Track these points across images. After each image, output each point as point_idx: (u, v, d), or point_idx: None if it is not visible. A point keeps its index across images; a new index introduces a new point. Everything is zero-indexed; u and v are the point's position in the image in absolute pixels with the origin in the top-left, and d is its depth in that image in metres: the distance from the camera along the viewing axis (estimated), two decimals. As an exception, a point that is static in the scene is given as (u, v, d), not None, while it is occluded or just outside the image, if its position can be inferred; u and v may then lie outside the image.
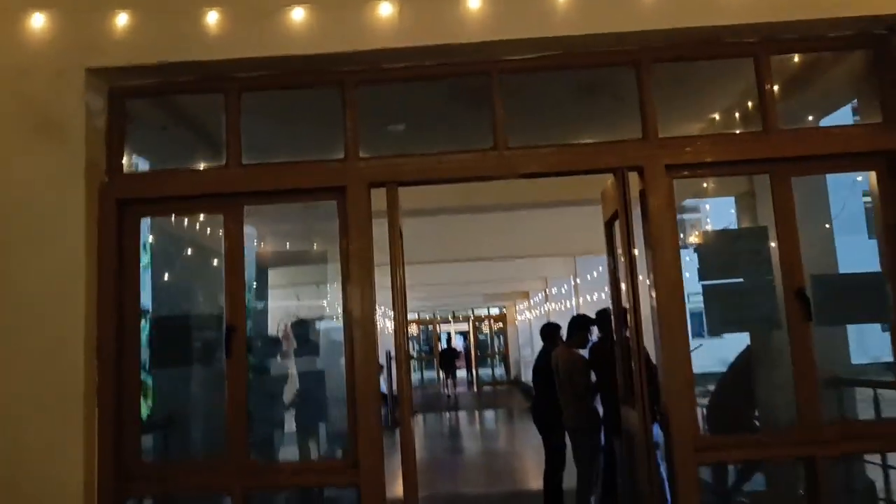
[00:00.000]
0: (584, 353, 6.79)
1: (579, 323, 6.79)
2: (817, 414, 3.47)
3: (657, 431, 3.56)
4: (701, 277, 3.64)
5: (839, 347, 5.45)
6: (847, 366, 5.50)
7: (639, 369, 3.60)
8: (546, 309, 16.64)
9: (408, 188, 3.85)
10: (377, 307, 3.77)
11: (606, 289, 5.24)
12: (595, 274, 12.62)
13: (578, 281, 12.70)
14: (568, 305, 15.37)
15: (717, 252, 3.71)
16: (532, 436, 15.76)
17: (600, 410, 6.53)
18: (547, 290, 16.51)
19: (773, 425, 5.22)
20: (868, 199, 4.31)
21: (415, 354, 29.19)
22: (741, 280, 3.66)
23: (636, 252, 3.75)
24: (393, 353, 22.15)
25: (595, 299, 13.27)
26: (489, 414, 19.64)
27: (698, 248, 3.70)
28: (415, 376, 28.49)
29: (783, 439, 3.61)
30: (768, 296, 3.60)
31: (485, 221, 9.59)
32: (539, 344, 19.03)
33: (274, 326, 7.08)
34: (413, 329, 29.26)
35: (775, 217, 3.63)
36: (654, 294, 3.58)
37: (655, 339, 3.62)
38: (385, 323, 20.87)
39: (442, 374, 27.84)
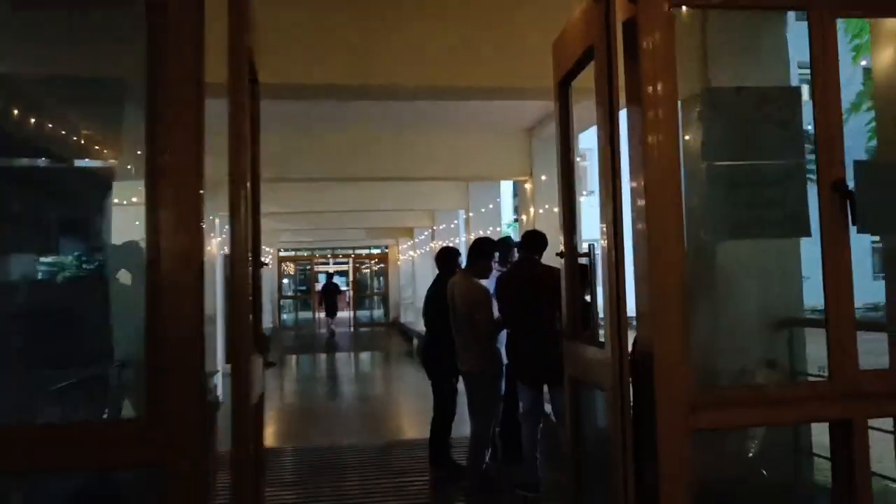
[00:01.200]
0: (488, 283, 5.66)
1: (482, 248, 5.53)
2: (855, 363, 2.40)
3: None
4: (705, 156, 2.44)
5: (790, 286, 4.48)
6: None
7: (616, 293, 2.37)
8: (432, 247, 15.47)
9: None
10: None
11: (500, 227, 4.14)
12: (491, 206, 11.51)
13: (471, 214, 11.54)
14: (458, 243, 14.31)
15: (728, 120, 2.49)
16: (411, 380, 14.88)
17: (503, 353, 5.41)
18: (434, 227, 15.31)
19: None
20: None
21: (291, 293, 27.45)
22: (760, 163, 2.49)
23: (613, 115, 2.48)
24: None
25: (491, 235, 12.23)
26: (366, 356, 18.45)
27: (703, 112, 2.48)
28: (289, 316, 26.86)
29: (813, 394, 2.50)
30: (797, 188, 2.46)
31: (366, 139, 8.18)
32: (422, 284, 17.93)
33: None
34: (290, 268, 27.44)
35: (813, 73, 2.48)
36: (641, 178, 2.35)
37: (635, 245, 2.43)
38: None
39: (321, 313, 26.39)
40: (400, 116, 7.55)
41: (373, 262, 27.45)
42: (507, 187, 19.10)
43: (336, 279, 28.83)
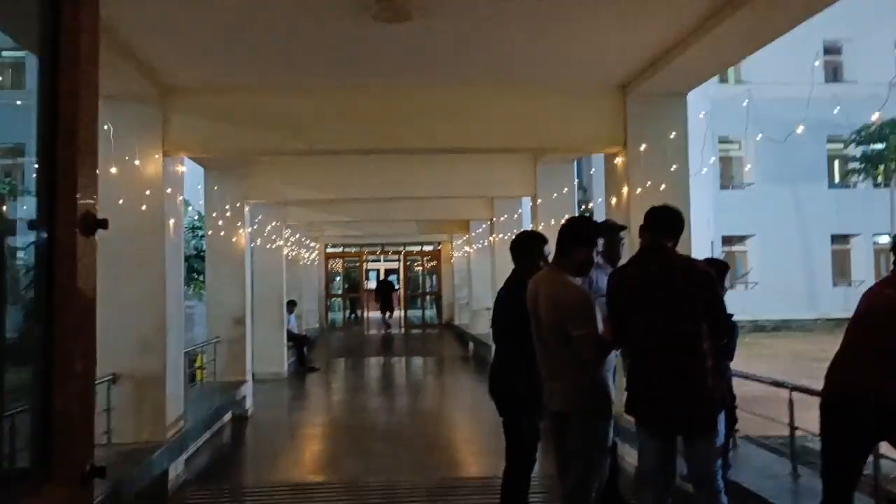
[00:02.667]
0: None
1: (579, 232, 3.78)
2: None
3: None
4: None
5: None
6: None
7: None
8: (491, 241, 13.80)
9: None
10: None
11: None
12: (565, 190, 9.77)
13: (540, 201, 9.86)
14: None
15: None
16: (469, 392, 13.22)
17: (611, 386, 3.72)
18: (493, 219, 13.62)
19: None
20: None
21: (339, 292, 26.16)
22: None
23: None
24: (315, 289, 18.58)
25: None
26: (418, 362, 16.90)
27: None
28: (337, 315, 25.54)
29: None
30: None
31: (411, 100, 6.53)
32: (480, 283, 15.82)
33: None
34: (338, 265, 26.15)
35: None
36: None
37: None
38: (300, 252, 17.68)
39: (373, 312, 25.04)
40: (453, 69, 5.91)
41: (425, 258, 25.91)
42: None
43: (391, 277, 27.49)
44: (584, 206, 18.96)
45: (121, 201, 5.95)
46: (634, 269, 3.57)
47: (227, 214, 9.39)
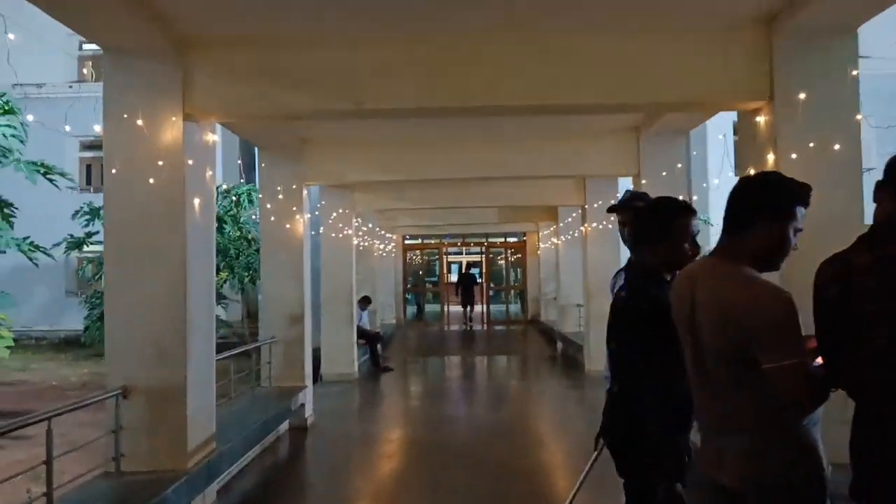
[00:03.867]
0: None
1: (777, 194, 2.23)
2: None
3: None
4: None
5: None
6: None
7: None
8: (584, 230, 12.26)
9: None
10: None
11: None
12: (679, 166, 8.19)
13: (644, 182, 8.29)
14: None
15: None
16: (560, 403, 11.78)
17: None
18: (586, 205, 12.05)
19: None
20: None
21: (418, 285, 25.04)
22: None
23: None
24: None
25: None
26: (503, 362, 15.53)
27: None
28: (412, 308, 24.41)
29: None
30: None
31: (495, 46, 5.13)
32: (570, 278, 14.19)
33: None
34: (416, 258, 25.03)
35: None
36: None
37: None
38: (373, 243, 16.59)
39: (453, 306, 23.81)
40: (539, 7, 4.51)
41: (509, 250, 24.45)
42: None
43: (473, 270, 26.20)
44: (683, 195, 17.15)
45: (130, 177, 4.85)
46: (865, 255, 2.09)
47: (281, 197, 8.26)
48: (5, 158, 7.70)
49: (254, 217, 13.91)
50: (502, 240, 24.36)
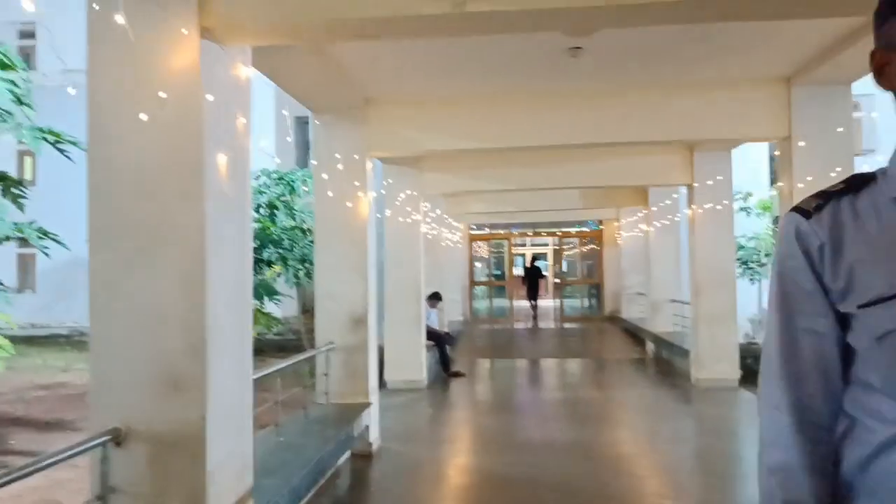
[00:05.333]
0: None
1: None
2: None
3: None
4: None
5: None
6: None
7: None
8: (689, 214, 10.32)
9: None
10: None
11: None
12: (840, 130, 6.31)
13: (778, 153, 6.41)
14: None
15: None
16: (655, 410, 10.11)
17: None
18: (694, 182, 10.06)
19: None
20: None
21: (484, 279, 23.28)
22: None
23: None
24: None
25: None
26: (581, 367, 13.71)
27: None
28: (481, 304, 22.72)
29: None
30: None
31: None
32: (662, 269, 12.82)
33: None
34: (482, 250, 23.29)
35: None
36: None
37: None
38: (440, 232, 14.95)
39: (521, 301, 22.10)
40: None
41: (583, 240, 22.48)
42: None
43: (538, 263, 24.38)
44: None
45: (121, 122, 3.30)
46: None
47: (341, 169, 6.67)
48: (3, 122, 6.32)
49: (311, 205, 12.44)
50: (576, 229, 22.38)
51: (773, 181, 17.66)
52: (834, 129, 6.32)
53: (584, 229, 21.83)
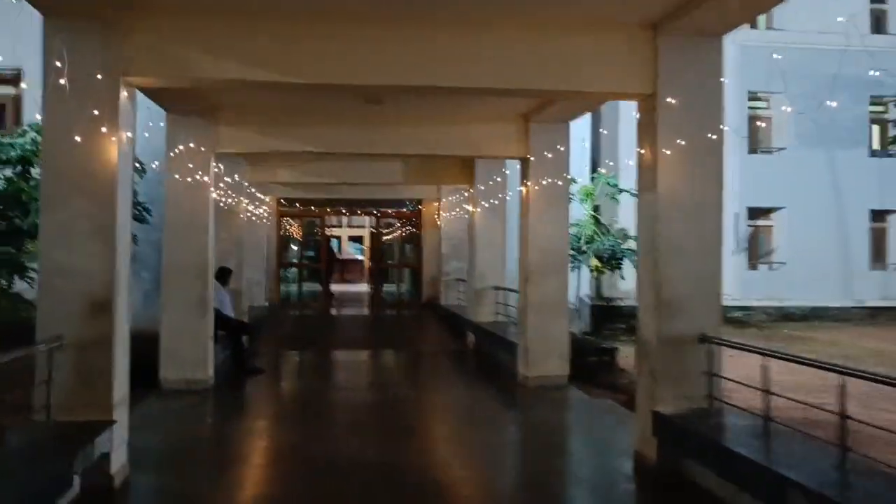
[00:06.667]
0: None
1: None
2: None
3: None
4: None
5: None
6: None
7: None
8: (523, 192, 9.24)
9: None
10: None
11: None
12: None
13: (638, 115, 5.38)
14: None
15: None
16: (486, 414, 7.08)
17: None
18: (531, 156, 8.96)
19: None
20: None
21: (295, 261, 21.22)
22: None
23: None
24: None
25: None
26: (402, 360, 12.37)
27: None
28: (292, 288, 20.74)
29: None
30: None
31: None
32: (489, 250, 11.42)
33: None
34: (294, 228, 21.27)
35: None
36: None
37: None
38: (240, 202, 12.91)
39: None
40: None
41: (402, 221, 21.16)
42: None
43: (353, 246, 22.81)
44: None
45: None
46: None
47: (76, 92, 4.68)
48: None
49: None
50: (393, 209, 20.94)
51: (593, 167, 17.42)
52: (707, 87, 5.44)
53: (404, 210, 20.54)
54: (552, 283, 9.08)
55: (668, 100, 5.37)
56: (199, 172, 8.32)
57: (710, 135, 5.38)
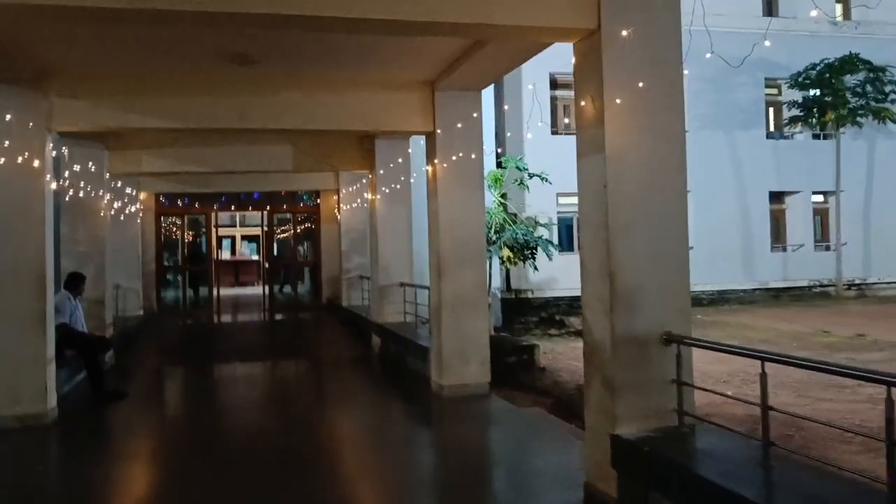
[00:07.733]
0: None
1: None
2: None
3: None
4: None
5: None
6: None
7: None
8: (430, 172, 7.92)
9: None
10: None
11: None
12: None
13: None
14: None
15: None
16: (395, 436, 5.80)
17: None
18: (438, 130, 7.68)
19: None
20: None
21: (172, 264, 19.05)
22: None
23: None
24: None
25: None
26: (298, 370, 10.86)
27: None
28: (173, 294, 18.69)
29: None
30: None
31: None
32: (393, 243, 10.63)
33: None
34: (175, 227, 19.18)
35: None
36: None
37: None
38: (100, 196, 11.02)
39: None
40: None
41: (298, 216, 19.45)
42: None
43: (248, 247, 20.92)
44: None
45: None
46: None
47: None
48: None
49: None
50: (290, 204, 19.15)
51: (498, 153, 16.43)
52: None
53: (300, 205, 18.84)
54: (468, 277, 7.87)
55: (617, 33, 4.27)
56: (27, 153, 6.59)
57: (668, 76, 4.32)
